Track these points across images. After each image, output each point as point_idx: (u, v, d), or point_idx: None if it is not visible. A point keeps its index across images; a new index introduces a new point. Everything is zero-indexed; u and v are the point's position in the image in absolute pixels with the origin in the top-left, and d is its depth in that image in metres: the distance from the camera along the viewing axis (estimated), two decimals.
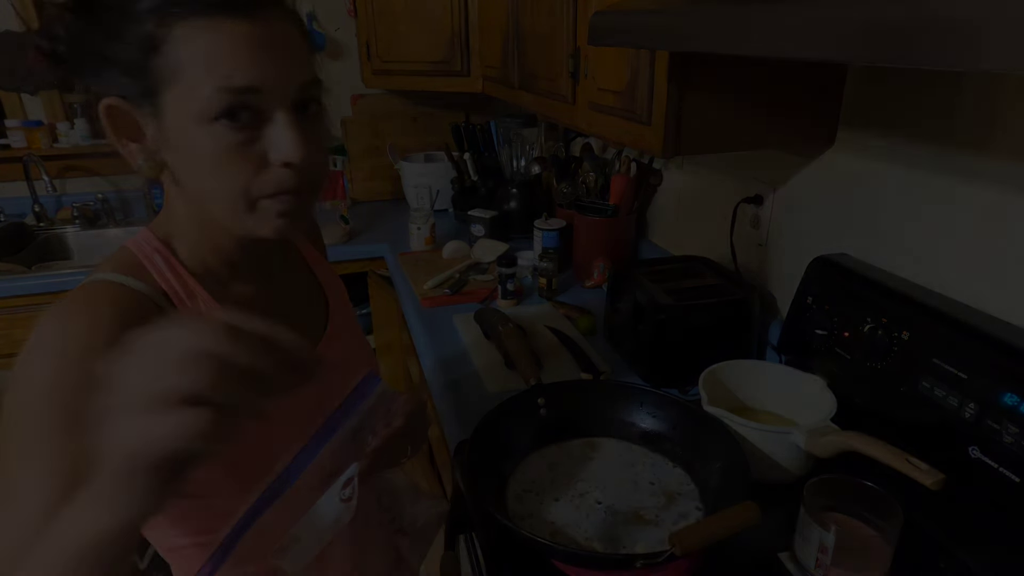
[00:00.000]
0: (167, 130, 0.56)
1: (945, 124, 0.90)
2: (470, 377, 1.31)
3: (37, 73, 2.23)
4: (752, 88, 1.00)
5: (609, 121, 1.16)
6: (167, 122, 0.56)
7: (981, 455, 0.78)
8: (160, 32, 0.52)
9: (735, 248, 1.31)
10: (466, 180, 2.17)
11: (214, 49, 0.53)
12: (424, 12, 1.95)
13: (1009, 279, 0.85)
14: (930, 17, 0.41)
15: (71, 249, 2.36)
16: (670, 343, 1.19)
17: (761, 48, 0.57)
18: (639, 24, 0.80)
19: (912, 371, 0.87)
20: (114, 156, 0.62)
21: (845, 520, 0.78)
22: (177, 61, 0.53)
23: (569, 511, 0.88)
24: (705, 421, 0.94)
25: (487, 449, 0.94)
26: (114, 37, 0.53)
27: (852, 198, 1.08)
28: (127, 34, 0.53)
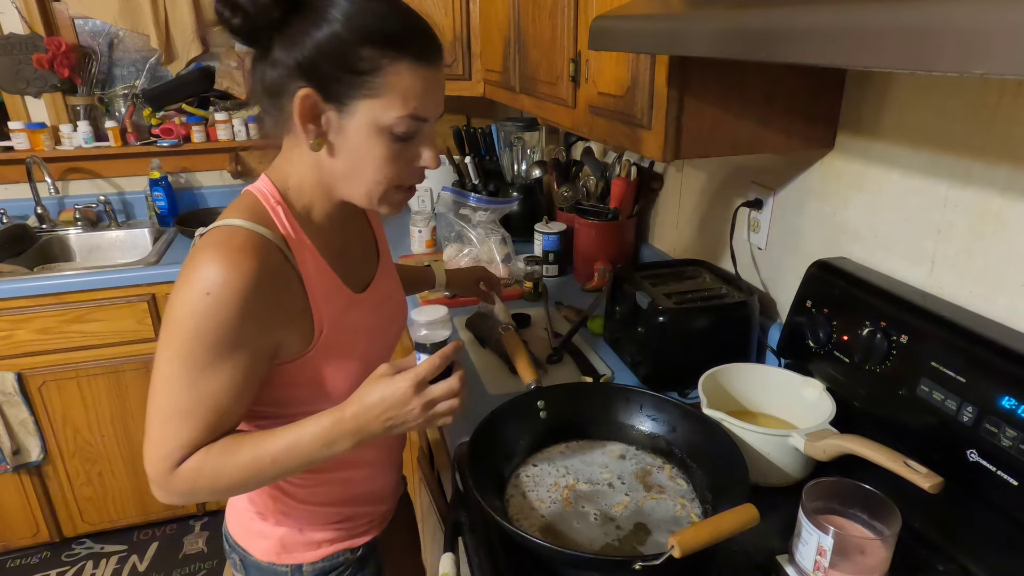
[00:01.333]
0: (348, 125, 0.73)
1: (943, 128, 0.91)
2: (470, 379, 1.31)
3: (42, 76, 2.25)
4: (752, 92, 1.01)
5: (609, 125, 1.16)
6: (352, 120, 0.72)
7: (979, 458, 0.78)
8: (382, 61, 0.70)
9: (735, 252, 1.32)
10: (467, 183, 2.18)
11: (412, 87, 0.72)
12: (425, 16, 1.96)
13: (1007, 283, 0.85)
14: (928, 22, 0.41)
15: (73, 251, 2.37)
16: (670, 346, 1.20)
17: (760, 53, 0.58)
18: (639, 29, 0.80)
19: (910, 375, 0.88)
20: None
21: (843, 523, 0.78)
22: (384, 85, 0.71)
23: (569, 513, 0.88)
24: (704, 424, 0.95)
25: (487, 451, 0.94)
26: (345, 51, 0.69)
27: (851, 202, 1.08)
28: (359, 51, 0.69)
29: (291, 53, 0.70)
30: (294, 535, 0.94)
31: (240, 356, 0.72)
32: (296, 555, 0.94)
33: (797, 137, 1.07)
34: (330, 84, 0.71)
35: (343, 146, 0.74)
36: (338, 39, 0.69)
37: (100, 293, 1.98)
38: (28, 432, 2.03)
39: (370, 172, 0.76)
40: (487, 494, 0.85)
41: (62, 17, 2.31)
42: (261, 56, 0.73)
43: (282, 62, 0.71)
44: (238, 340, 0.71)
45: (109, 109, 2.44)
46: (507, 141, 2.17)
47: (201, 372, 0.71)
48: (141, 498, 2.26)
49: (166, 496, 0.75)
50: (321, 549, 0.95)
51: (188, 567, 2.18)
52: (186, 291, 0.70)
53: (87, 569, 2.18)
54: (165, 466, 0.73)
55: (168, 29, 2.37)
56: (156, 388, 0.72)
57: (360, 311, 0.86)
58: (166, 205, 2.41)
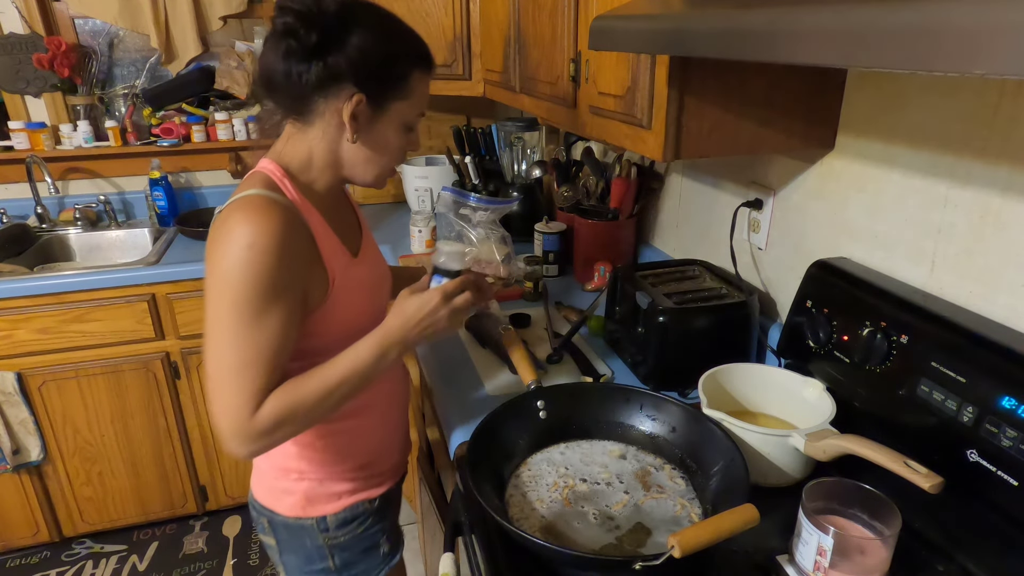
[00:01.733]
0: (380, 121, 0.90)
1: (943, 128, 0.91)
2: (470, 379, 1.31)
3: (42, 76, 2.25)
4: (752, 92, 1.01)
5: (610, 125, 1.16)
6: (384, 117, 0.90)
7: (979, 458, 0.78)
8: (413, 72, 0.90)
9: (735, 252, 1.32)
10: (467, 183, 2.18)
11: (425, 91, 0.94)
12: (425, 16, 1.96)
13: (1007, 283, 0.85)
14: (928, 22, 0.41)
15: (73, 250, 2.37)
16: (670, 346, 1.20)
17: (760, 53, 0.58)
18: (640, 29, 0.80)
19: (911, 375, 0.88)
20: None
21: (843, 523, 0.78)
22: (411, 90, 0.91)
23: (568, 513, 0.88)
24: (704, 424, 0.95)
25: (487, 451, 0.94)
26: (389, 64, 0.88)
27: (851, 202, 1.08)
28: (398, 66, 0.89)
29: (345, 61, 0.84)
30: (316, 488, 1.03)
31: (285, 299, 0.83)
32: (319, 507, 1.04)
33: (797, 137, 1.07)
34: (376, 90, 0.88)
35: (369, 138, 0.91)
36: (384, 52, 0.87)
37: (100, 293, 1.98)
38: (28, 432, 2.03)
39: (387, 158, 0.95)
40: (487, 494, 0.85)
41: (62, 17, 2.31)
42: (307, 63, 0.84)
43: (335, 70, 0.85)
44: (281, 285, 0.82)
45: (109, 109, 2.44)
46: (507, 141, 2.17)
47: (258, 320, 0.81)
48: (141, 498, 2.26)
49: (247, 444, 0.82)
50: (342, 500, 1.05)
51: (188, 567, 2.18)
52: (227, 250, 0.81)
53: (87, 569, 2.18)
54: (244, 414, 0.81)
55: (168, 29, 2.37)
56: (219, 346, 0.82)
57: (358, 270, 0.99)
58: (166, 205, 2.41)
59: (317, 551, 1.07)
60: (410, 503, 2.23)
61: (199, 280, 2.05)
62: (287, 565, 1.11)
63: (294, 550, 1.08)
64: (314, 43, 0.83)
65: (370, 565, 1.11)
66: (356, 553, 1.09)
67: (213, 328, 0.82)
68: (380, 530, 1.11)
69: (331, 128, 0.89)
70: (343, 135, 0.89)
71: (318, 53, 0.84)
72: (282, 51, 0.85)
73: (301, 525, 1.05)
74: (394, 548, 1.15)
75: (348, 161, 0.92)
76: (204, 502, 2.35)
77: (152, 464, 2.22)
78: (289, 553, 1.09)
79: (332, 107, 0.87)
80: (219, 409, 0.82)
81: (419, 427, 1.86)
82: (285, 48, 0.84)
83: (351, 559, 1.09)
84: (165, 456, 2.22)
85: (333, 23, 0.84)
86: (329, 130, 0.89)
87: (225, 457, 2.30)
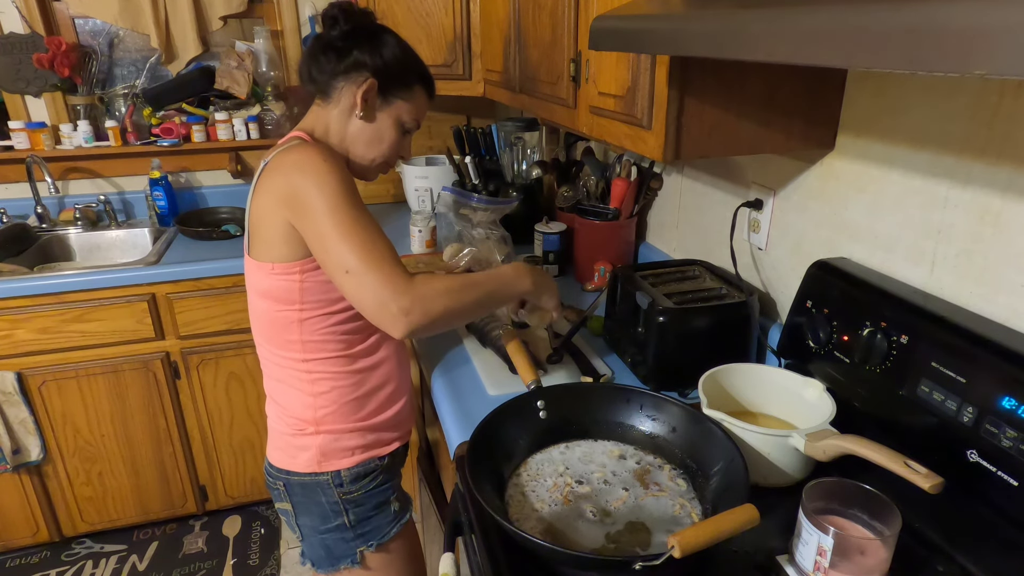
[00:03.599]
0: (383, 109, 1.10)
1: (943, 128, 0.91)
2: (470, 379, 1.31)
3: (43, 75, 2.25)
4: (752, 92, 1.01)
5: (610, 125, 1.16)
6: (387, 111, 1.10)
7: (979, 459, 0.78)
8: (417, 86, 1.13)
9: (735, 252, 1.32)
10: (467, 183, 2.18)
11: (422, 107, 1.15)
12: (426, 16, 1.96)
13: (1007, 283, 0.85)
14: (927, 22, 0.41)
15: (73, 250, 2.37)
16: (670, 346, 1.20)
17: (761, 53, 0.58)
18: (640, 29, 0.80)
19: (911, 375, 0.88)
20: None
21: (844, 523, 0.78)
22: (413, 97, 1.12)
23: (569, 513, 0.88)
24: (704, 424, 0.95)
25: (487, 451, 0.94)
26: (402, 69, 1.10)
27: (851, 202, 1.08)
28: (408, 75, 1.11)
29: (369, 56, 1.06)
30: (330, 444, 1.12)
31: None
32: (334, 462, 1.12)
33: (797, 137, 1.07)
34: (387, 83, 1.08)
35: (371, 120, 1.10)
36: (399, 62, 1.10)
37: (100, 293, 1.98)
38: (28, 432, 2.03)
39: (382, 145, 1.12)
40: (487, 494, 0.85)
41: (62, 17, 2.31)
42: (338, 53, 1.06)
43: (359, 61, 1.06)
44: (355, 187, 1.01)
45: (109, 109, 2.44)
46: (507, 141, 2.17)
47: (362, 208, 0.97)
48: (141, 498, 2.26)
49: (415, 306, 0.92)
50: (355, 456, 1.14)
51: (188, 567, 2.18)
52: (311, 168, 0.96)
53: (87, 569, 2.18)
54: (403, 276, 0.93)
55: (168, 29, 2.37)
56: (349, 234, 0.93)
57: None
58: (166, 205, 2.41)
59: (331, 507, 1.14)
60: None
61: (199, 280, 2.06)
62: (303, 528, 1.18)
63: (309, 510, 1.16)
64: (348, 32, 1.06)
65: (382, 522, 1.18)
66: (369, 508, 1.17)
67: (336, 225, 0.93)
68: (390, 487, 1.20)
69: (345, 106, 1.08)
70: (353, 112, 1.08)
71: (349, 45, 1.06)
72: (323, 42, 1.07)
73: (316, 482, 1.12)
74: (404, 507, 1.23)
75: (352, 138, 1.10)
76: (204, 502, 2.35)
77: (152, 464, 2.22)
78: (304, 515, 1.17)
79: (349, 89, 1.07)
80: (378, 283, 0.92)
81: (419, 427, 1.86)
82: (326, 40, 1.07)
83: (365, 514, 1.16)
84: (165, 456, 2.22)
85: (369, 25, 1.09)
86: (343, 107, 1.08)
87: (225, 457, 2.30)
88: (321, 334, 1.08)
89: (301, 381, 1.11)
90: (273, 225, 1.01)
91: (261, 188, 1.02)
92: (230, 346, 2.16)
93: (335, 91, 1.08)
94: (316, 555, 1.19)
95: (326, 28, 1.08)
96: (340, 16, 1.06)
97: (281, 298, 1.05)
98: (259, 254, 1.05)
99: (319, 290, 1.04)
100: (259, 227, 1.04)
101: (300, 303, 1.05)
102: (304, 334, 1.07)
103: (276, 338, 1.10)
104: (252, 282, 1.10)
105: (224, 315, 2.12)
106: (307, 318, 1.06)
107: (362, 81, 1.06)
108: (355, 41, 1.06)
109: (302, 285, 1.03)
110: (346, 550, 1.17)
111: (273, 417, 1.18)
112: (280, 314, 1.07)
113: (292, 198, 0.96)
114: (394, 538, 1.20)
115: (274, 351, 1.12)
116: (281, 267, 1.02)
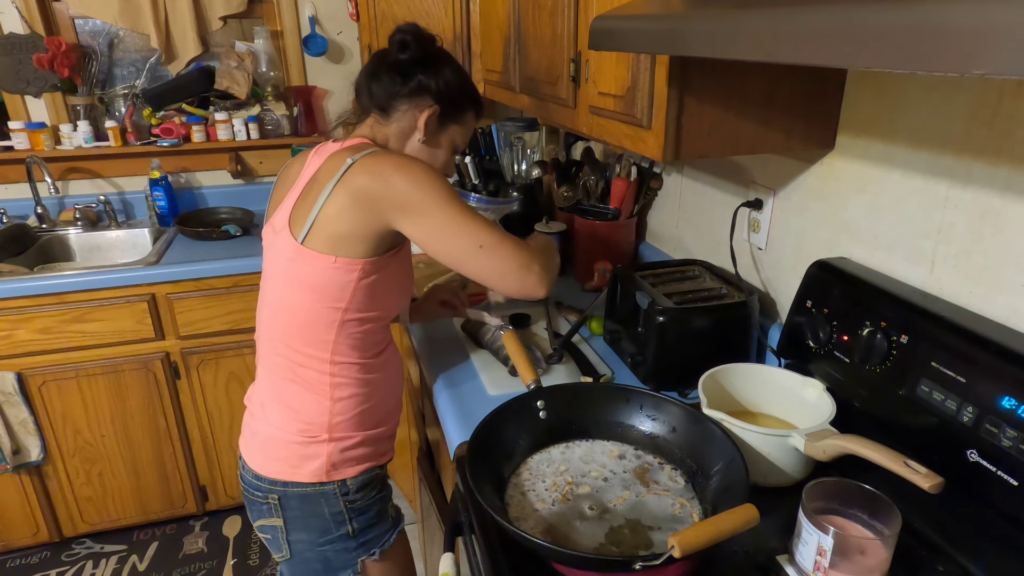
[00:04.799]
0: (440, 134, 1.17)
1: (943, 128, 0.91)
2: (470, 380, 1.31)
3: (44, 76, 2.25)
4: (752, 92, 1.01)
5: (610, 125, 1.16)
6: (443, 133, 1.17)
7: (979, 458, 0.78)
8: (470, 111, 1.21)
9: (735, 252, 1.32)
10: (467, 183, 2.17)
11: (472, 127, 1.22)
12: (425, 16, 1.96)
13: (1007, 283, 0.85)
14: (927, 22, 0.41)
15: (73, 250, 2.37)
16: (670, 346, 1.20)
17: (760, 53, 0.58)
18: (639, 29, 0.80)
19: (911, 375, 0.88)
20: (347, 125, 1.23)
21: (843, 523, 0.78)
22: (465, 122, 1.20)
23: (568, 513, 0.88)
24: (704, 424, 0.95)
25: (487, 451, 0.94)
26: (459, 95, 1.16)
27: (851, 202, 1.08)
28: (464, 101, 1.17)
29: (432, 83, 1.12)
30: (339, 453, 1.12)
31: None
32: (342, 471, 1.12)
33: (797, 137, 1.07)
34: (447, 110, 1.14)
35: (429, 143, 1.16)
36: (458, 88, 1.15)
37: (100, 293, 1.98)
38: (28, 432, 2.03)
39: (436, 165, 1.17)
40: (487, 494, 0.85)
41: (62, 17, 2.31)
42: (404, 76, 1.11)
43: (424, 85, 1.11)
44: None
45: (109, 109, 2.44)
46: (507, 141, 2.17)
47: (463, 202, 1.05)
48: (141, 498, 2.26)
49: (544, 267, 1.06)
50: (360, 465, 1.14)
51: (188, 567, 2.18)
52: (416, 170, 1.02)
53: (87, 569, 2.18)
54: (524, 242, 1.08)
55: (168, 29, 2.37)
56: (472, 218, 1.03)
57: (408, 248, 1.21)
58: (166, 205, 2.41)
59: (335, 518, 1.13)
60: (410, 503, 2.23)
61: (199, 280, 2.06)
62: (294, 544, 1.15)
63: (305, 524, 1.14)
64: (416, 59, 1.11)
65: (381, 530, 1.19)
66: (370, 517, 1.17)
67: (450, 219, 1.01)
68: (386, 496, 1.22)
69: (405, 127, 1.14)
70: (413, 135, 1.14)
71: (416, 69, 1.11)
72: (388, 61, 1.12)
73: (321, 492, 1.11)
74: (398, 515, 1.25)
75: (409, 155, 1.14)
76: (204, 502, 2.35)
77: (152, 464, 2.22)
78: (299, 530, 1.14)
79: (411, 112, 1.12)
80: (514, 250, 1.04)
81: (419, 427, 1.86)
82: (392, 60, 1.11)
83: (367, 523, 1.16)
84: (165, 456, 2.22)
85: (434, 52, 1.14)
86: (404, 128, 1.14)
87: (225, 457, 2.30)
88: (353, 338, 1.09)
89: (323, 384, 1.09)
90: (360, 222, 1.00)
91: (347, 186, 1.00)
92: (230, 346, 2.16)
93: (396, 111, 1.12)
94: (308, 571, 1.17)
95: (395, 50, 1.11)
96: (412, 41, 1.10)
97: (331, 294, 1.04)
98: (319, 246, 1.02)
99: (366, 295, 1.06)
100: (331, 222, 1.01)
101: (347, 303, 1.05)
102: (339, 335, 1.07)
103: (308, 335, 1.07)
104: (297, 273, 1.05)
105: (224, 315, 2.12)
106: (348, 319, 1.07)
107: (425, 107, 1.12)
108: (420, 66, 1.11)
109: (357, 285, 1.04)
110: (347, 561, 1.16)
111: (276, 424, 1.12)
112: (323, 310, 1.05)
113: (402, 199, 1.00)
114: (392, 546, 1.21)
115: (299, 349, 1.08)
116: (344, 262, 1.02)
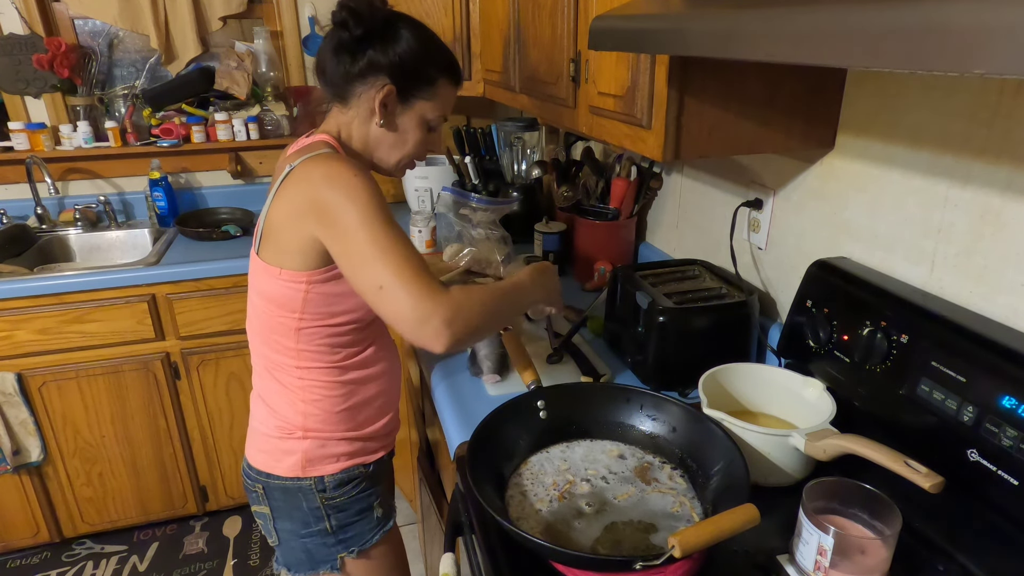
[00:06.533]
0: (404, 113, 1.06)
1: (943, 128, 0.91)
2: (470, 379, 1.31)
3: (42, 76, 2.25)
4: (752, 92, 1.01)
5: (610, 125, 1.16)
6: (409, 111, 1.06)
7: (980, 458, 0.78)
8: (440, 79, 1.06)
9: (735, 251, 1.32)
10: (467, 183, 2.18)
11: (448, 98, 1.10)
12: (425, 16, 1.96)
13: (1007, 283, 0.85)
14: (926, 22, 0.41)
15: (73, 251, 2.37)
16: (670, 346, 1.20)
17: (760, 53, 0.58)
18: (639, 29, 0.80)
19: (911, 374, 0.88)
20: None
21: (844, 523, 0.78)
22: (436, 93, 1.07)
23: (569, 513, 0.88)
24: (705, 424, 0.95)
25: (487, 451, 0.94)
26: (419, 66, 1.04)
27: (851, 202, 1.08)
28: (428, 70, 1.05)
29: (384, 58, 1.01)
30: (316, 449, 1.10)
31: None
32: (319, 468, 1.11)
33: (797, 137, 1.07)
34: (405, 85, 1.03)
35: (393, 125, 1.07)
36: (417, 57, 1.03)
37: (100, 293, 1.98)
38: (28, 432, 2.03)
39: (407, 148, 1.10)
40: (487, 494, 0.85)
41: (62, 17, 2.31)
42: (352, 55, 1.01)
43: (374, 62, 1.01)
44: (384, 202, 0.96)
45: (109, 109, 2.44)
46: (507, 141, 2.17)
47: (393, 223, 0.94)
48: (141, 498, 2.26)
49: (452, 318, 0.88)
50: (340, 463, 1.12)
51: (188, 567, 2.18)
52: (342, 182, 0.93)
53: (87, 569, 2.18)
54: (441, 290, 0.90)
55: (168, 29, 2.37)
56: (384, 251, 0.90)
57: None
58: (166, 205, 2.41)
59: (313, 513, 1.12)
60: (410, 503, 2.23)
61: (199, 280, 2.06)
62: (281, 532, 1.16)
63: (289, 515, 1.14)
64: (360, 36, 1.00)
65: (364, 528, 1.17)
66: (351, 515, 1.15)
67: (369, 239, 0.90)
68: (373, 494, 1.18)
69: (364, 112, 1.05)
70: (373, 119, 1.05)
71: (362, 46, 1.00)
72: (334, 43, 1.02)
73: (299, 487, 1.10)
74: (387, 514, 1.22)
75: (374, 142, 1.08)
76: (204, 502, 2.35)
77: (152, 465, 2.22)
78: (284, 519, 1.14)
79: (367, 94, 1.03)
80: (416, 298, 0.88)
81: (419, 427, 1.86)
82: (337, 41, 1.02)
83: (346, 520, 1.15)
84: (165, 456, 2.22)
85: (380, 25, 1.01)
86: (362, 113, 1.05)
87: (225, 457, 2.30)
88: (316, 344, 1.06)
89: (294, 387, 1.09)
90: (293, 234, 0.97)
91: (284, 194, 0.98)
92: (230, 346, 2.16)
93: (353, 96, 1.04)
94: (295, 559, 1.18)
95: (337, 30, 1.01)
96: (349, 18, 0.98)
97: (283, 304, 1.03)
98: (269, 257, 1.02)
99: (321, 302, 1.02)
100: (276, 232, 1.00)
101: (301, 312, 1.03)
102: (300, 343, 1.06)
103: (271, 341, 1.08)
104: (255, 282, 1.07)
105: (224, 315, 2.12)
106: (305, 327, 1.04)
107: (380, 86, 1.01)
108: (368, 40, 1.00)
109: (306, 296, 1.01)
110: (327, 555, 1.16)
111: (259, 418, 1.15)
112: (278, 319, 1.05)
113: (322, 212, 0.93)
114: (376, 545, 1.19)
115: (268, 355, 1.10)
116: (289, 274, 1.00)
